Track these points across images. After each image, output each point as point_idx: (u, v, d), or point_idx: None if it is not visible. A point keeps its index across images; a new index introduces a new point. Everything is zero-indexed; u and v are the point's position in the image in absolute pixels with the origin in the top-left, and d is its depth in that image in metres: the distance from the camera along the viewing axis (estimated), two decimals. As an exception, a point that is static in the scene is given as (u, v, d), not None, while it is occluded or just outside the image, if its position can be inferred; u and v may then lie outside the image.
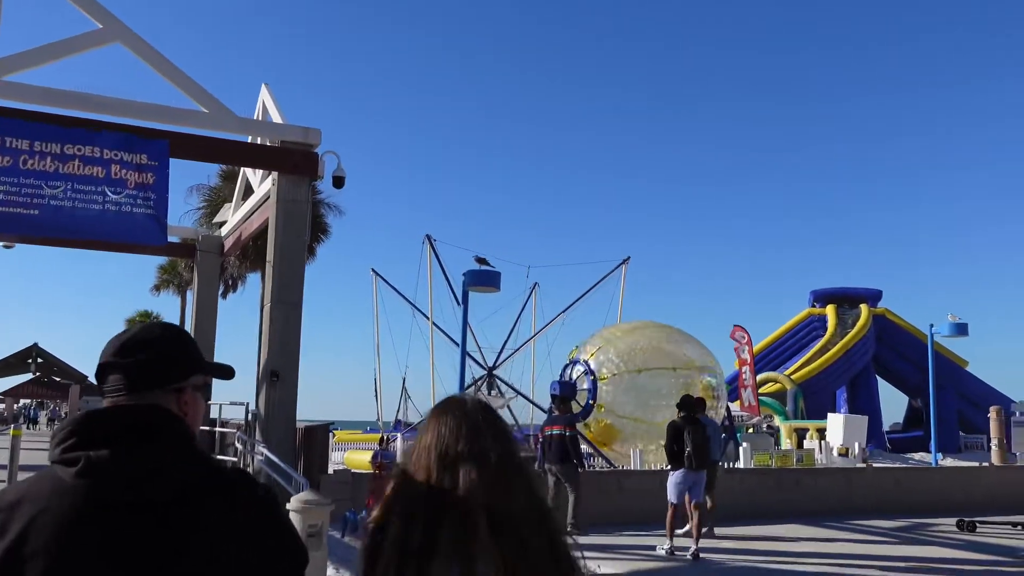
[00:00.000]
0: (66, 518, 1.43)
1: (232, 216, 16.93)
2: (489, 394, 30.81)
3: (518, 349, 30.89)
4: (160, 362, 1.64)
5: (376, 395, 34.20)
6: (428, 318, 29.06)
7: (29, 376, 48.56)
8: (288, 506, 7.18)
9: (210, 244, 17.67)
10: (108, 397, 1.61)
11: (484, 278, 18.00)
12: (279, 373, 11.32)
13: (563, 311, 30.75)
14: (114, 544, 1.41)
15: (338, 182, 12.04)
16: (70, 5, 10.90)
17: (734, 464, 15.68)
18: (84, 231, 10.63)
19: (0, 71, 10.37)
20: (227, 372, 1.81)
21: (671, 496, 10.62)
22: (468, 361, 29.71)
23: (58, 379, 48.95)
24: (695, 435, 10.55)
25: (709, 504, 11.51)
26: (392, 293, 31.55)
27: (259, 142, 12.13)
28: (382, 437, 29.04)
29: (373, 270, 32.41)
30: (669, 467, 10.71)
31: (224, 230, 17.58)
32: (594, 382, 16.86)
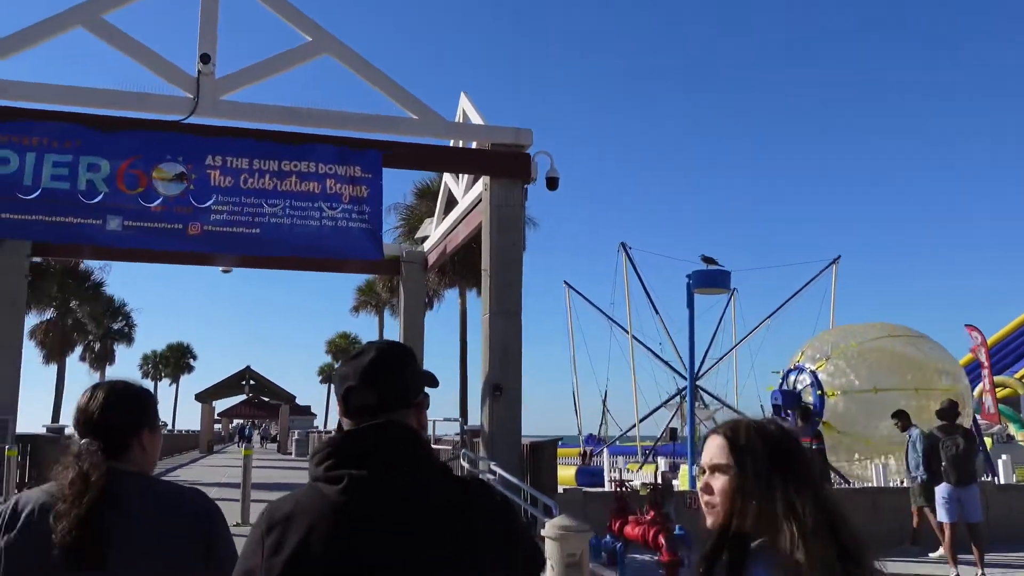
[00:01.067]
0: (336, 533, 1.54)
1: (435, 230, 16.68)
2: (694, 406, 29.39)
3: (721, 359, 29.43)
4: (403, 381, 1.73)
5: (575, 410, 33.47)
6: (627, 332, 28.11)
7: (243, 397, 51.33)
8: (543, 533, 6.48)
9: (414, 260, 17.53)
10: (356, 417, 1.69)
11: (712, 279, 16.67)
12: (501, 386, 10.74)
13: (768, 317, 29.03)
14: (380, 556, 1.52)
15: (552, 183, 11.38)
16: (278, 20, 10.83)
17: (994, 479, 13.80)
18: (303, 248, 10.47)
19: (218, 91, 10.39)
20: (434, 380, 1.86)
21: (943, 516, 9.22)
22: (676, 373, 28.55)
23: (267, 399, 51.52)
24: (956, 446, 9.18)
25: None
26: (586, 305, 30.82)
27: (466, 146, 11.68)
28: (583, 452, 28.40)
29: (566, 283, 31.80)
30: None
31: (427, 245, 17.39)
32: (821, 397, 15.35)
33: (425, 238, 17.72)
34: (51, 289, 27.70)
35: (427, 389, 1.82)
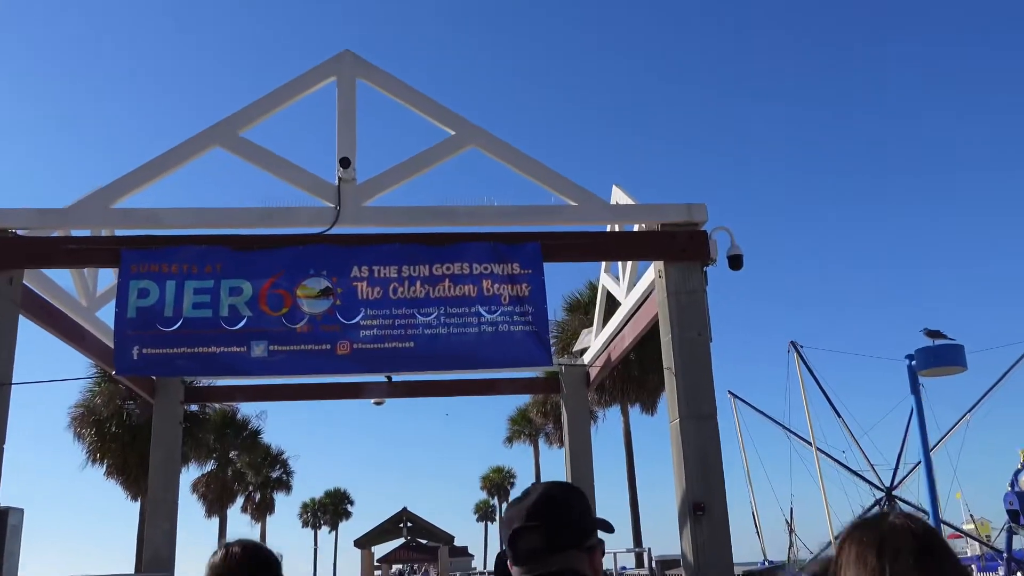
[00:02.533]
0: None
1: (595, 339, 15.32)
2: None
3: (918, 464, 26.26)
4: (572, 522, 1.67)
5: (756, 531, 30.60)
6: (810, 444, 25.56)
7: (401, 540, 50.21)
8: None
9: (574, 375, 16.13)
10: (525, 564, 1.63)
11: (942, 356, 13.75)
12: (704, 505, 9.03)
13: (969, 410, 25.94)
14: None
15: (735, 262, 9.90)
16: (417, 117, 10.07)
17: None
18: (462, 359, 9.30)
19: (360, 197, 9.60)
20: (610, 527, 1.82)
21: None
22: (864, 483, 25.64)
23: (425, 541, 50.18)
24: None
25: None
26: (752, 412, 28.45)
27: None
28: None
29: (731, 392, 29.66)
30: None
31: (586, 357, 16.00)
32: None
33: (584, 351, 16.35)
34: (208, 439, 27.74)
35: (602, 534, 1.73)
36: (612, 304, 14.72)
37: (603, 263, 13.88)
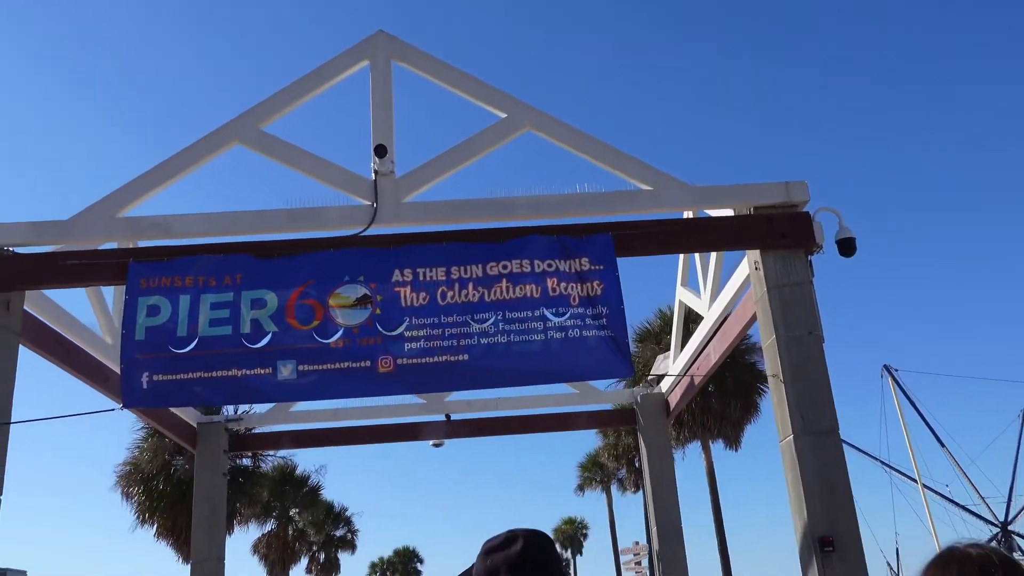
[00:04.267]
0: None
1: (674, 364, 13.67)
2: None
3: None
4: (555, 569, 1.68)
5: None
6: (916, 480, 23.24)
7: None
8: None
9: (652, 405, 14.45)
10: None
11: None
12: (832, 540, 7.32)
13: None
14: None
15: (846, 247, 8.29)
16: (463, 101, 8.75)
17: None
18: (525, 372, 7.79)
19: (401, 193, 8.27)
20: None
21: None
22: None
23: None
24: None
25: None
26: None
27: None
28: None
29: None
30: None
31: (664, 385, 14.35)
32: None
33: (661, 378, 14.69)
34: (262, 495, 26.52)
35: None
36: (691, 325, 13.20)
37: (679, 277, 12.37)
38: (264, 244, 8.11)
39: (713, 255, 10.24)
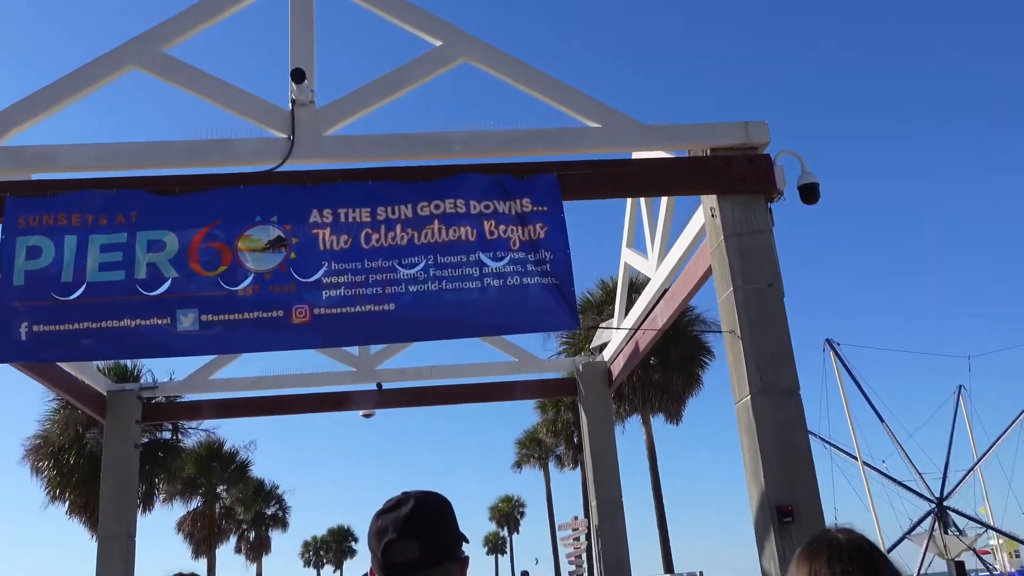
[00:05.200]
0: None
1: (617, 328, 13.01)
2: (945, 533, 23.57)
3: (970, 470, 23.85)
4: (447, 533, 1.66)
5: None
6: (856, 458, 23.05)
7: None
8: None
9: (593, 374, 13.80)
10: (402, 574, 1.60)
11: None
12: (791, 508, 6.71)
13: (1025, 410, 23.56)
14: None
15: (809, 193, 7.65)
16: (394, 27, 7.87)
17: None
18: (459, 323, 6.99)
19: (321, 125, 7.38)
20: (465, 539, 1.75)
21: None
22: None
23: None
24: None
25: None
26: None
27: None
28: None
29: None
30: None
31: (607, 352, 13.70)
32: None
33: (603, 347, 14.05)
34: (184, 471, 25.34)
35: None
36: (633, 296, 12.66)
37: (624, 238, 11.69)
38: (164, 179, 7.15)
39: (663, 209, 9.55)
